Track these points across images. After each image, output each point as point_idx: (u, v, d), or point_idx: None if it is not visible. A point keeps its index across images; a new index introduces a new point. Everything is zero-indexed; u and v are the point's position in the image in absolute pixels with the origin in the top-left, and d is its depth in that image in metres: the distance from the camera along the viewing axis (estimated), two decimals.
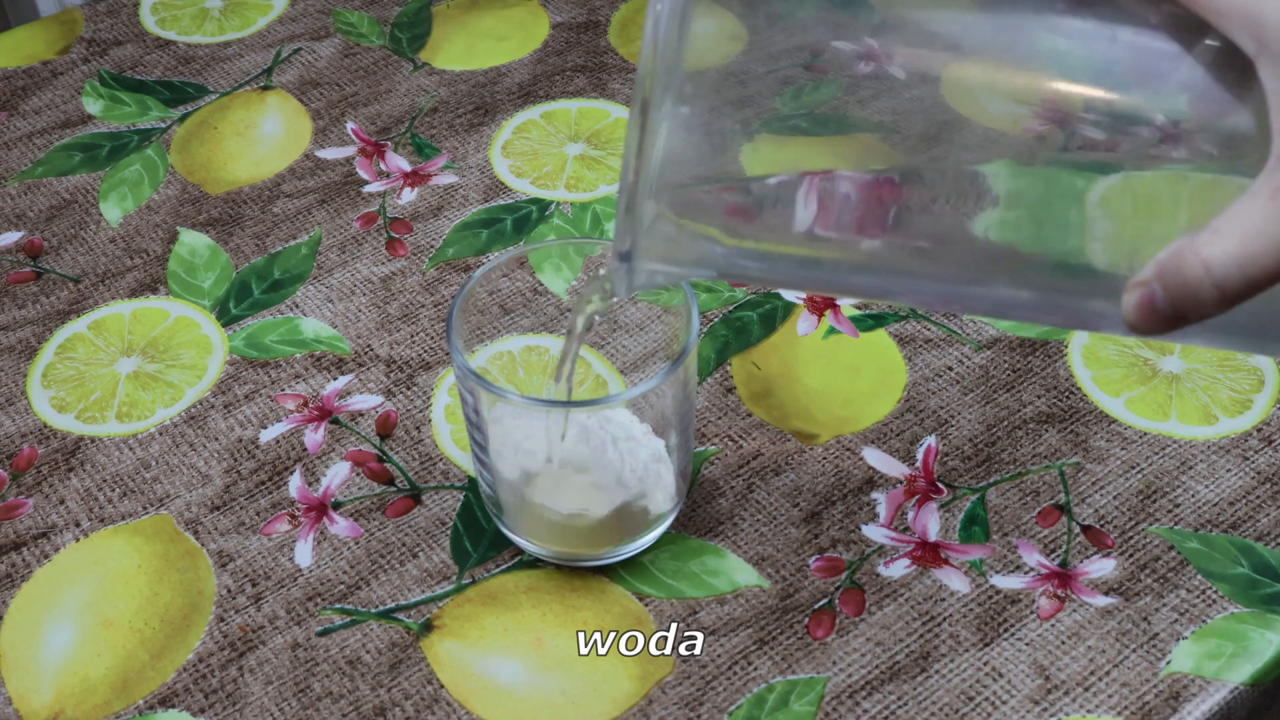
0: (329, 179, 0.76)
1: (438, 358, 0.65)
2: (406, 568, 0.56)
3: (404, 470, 0.60)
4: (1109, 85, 0.35)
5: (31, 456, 0.61)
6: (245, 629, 0.54)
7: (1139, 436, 0.60)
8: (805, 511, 0.57)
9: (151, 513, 0.58)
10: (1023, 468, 0.59)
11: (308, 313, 0.67)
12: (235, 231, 0.72)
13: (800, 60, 0.36)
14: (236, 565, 0.56)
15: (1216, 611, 0.53)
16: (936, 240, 0.37)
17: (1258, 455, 0.59)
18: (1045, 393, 0.62)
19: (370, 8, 0.90)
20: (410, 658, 0.53)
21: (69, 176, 0.76)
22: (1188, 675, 0.51)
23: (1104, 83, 0.35)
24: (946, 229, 0.36)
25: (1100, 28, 0.35)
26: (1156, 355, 0.64)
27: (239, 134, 0.79)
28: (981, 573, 0.55)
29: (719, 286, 0.68)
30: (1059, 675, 0.51)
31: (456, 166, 0.76)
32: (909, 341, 0.65)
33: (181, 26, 0.88)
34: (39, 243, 0.72)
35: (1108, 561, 0.55)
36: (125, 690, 0.52)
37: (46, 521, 0.58)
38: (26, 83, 0.84)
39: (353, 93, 0.82)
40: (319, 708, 0.51)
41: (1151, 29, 0.35)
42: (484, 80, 0.83)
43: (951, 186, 0.36)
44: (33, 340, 0.66)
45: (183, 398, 0.63)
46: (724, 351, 0.65)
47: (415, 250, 0.71)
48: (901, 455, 0.59)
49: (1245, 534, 0.56)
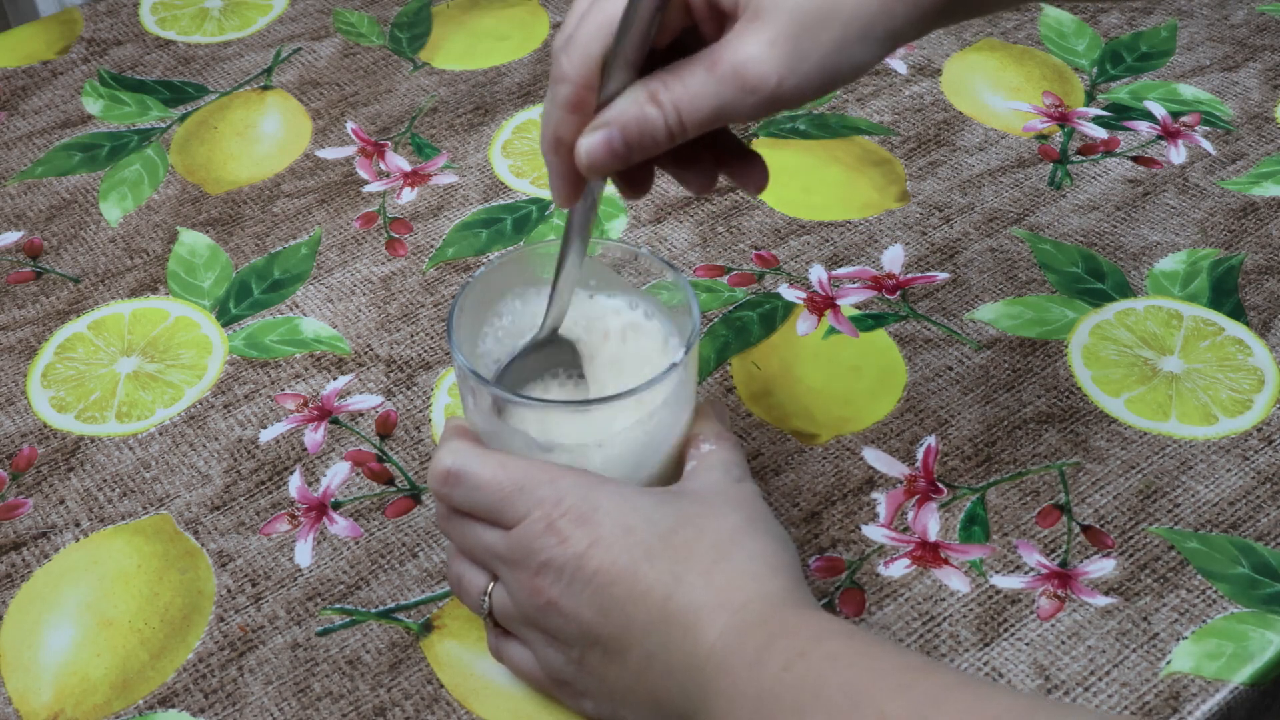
0: (329, 179, 0.76)
1: (438, 358, 0.65)
2: (406, 568, 0.56)
3: (404, 470, 0.60)
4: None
5: (31, 456, 0.61)
6: (245, 629, 0.54)
7: (1139, 436, 0.60)
8: (805, 511, 0.57)
9: (151, 513, 0.58)
10: (1023, 468, 0.59)
11: (308, 313, 0.67)
12: (235, 231, 0.72)
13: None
14: (236, 565, 0.56)
15: (1216, 611, 0.53)
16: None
17: (1258, 455, 0.59)
18: (1045, 393, 0.62)
19: (370, 8, 0.90)
20: (410, 658, 0.53)
21: (69, 176, 0.76)
22: (1188, 675, 0.51)
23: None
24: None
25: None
26: (1156, 355, 0.64)
27: (239, 134, 0.79)
28: (981, 573, 0.55)
29: (719, 286, 0.68)
30: (1059, 675, 0.51)
31: (456, 166, 0.76)
32: (909, 341, 0.65)
33: (181, 26, 0.88)
34: (39, 243, 0.72)
35: (1108, 561, 0.55)
36: (125, 690, 0.52)
37: (46, 521, 0.58)
38: (26, 83, 0.84)
39: (353, 93, 0.82)
40: (319, 708, 0.51)
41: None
42: (484, 80, 0.83)
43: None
44: (33, 340, 0.66)
45: (183, 398, 0.63)
46: (724, 351, 0.64)
47: (415, 250, 0.71)
48: (901, 455, 0.59)
49: (1245, 534, 0.56)
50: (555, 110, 0.45)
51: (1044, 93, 0.80)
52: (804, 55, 0.41)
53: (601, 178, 0.46)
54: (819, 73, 0.42)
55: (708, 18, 0.44)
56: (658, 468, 0.50)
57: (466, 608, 0.50)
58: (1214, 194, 0.73)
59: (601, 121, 0.43)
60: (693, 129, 0.43)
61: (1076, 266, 0.68)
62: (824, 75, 0.42)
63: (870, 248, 0.70)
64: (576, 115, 0.44)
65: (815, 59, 0.41)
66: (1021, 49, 0.84)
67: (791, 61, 0.41)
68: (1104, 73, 0.82)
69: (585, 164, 0.44)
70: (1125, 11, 0.87)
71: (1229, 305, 0.66)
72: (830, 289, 0.67)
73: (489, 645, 0.50)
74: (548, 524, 0.45)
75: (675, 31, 0.44)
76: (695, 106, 0.42)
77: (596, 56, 0.43)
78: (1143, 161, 0.75)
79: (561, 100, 0.44)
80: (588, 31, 0.43)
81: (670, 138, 0.43)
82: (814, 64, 0.41)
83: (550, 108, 0.45)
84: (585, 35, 0.43)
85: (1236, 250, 0.69)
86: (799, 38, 0.41)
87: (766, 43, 0.41)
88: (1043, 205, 0.72)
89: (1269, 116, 0.78)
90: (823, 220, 0.72)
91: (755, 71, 0.41)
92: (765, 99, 0.42)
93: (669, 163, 0.48)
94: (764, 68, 0.41)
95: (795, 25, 0.41)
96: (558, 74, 0.44)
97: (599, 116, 0.44)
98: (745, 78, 0.41)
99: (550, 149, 0.46)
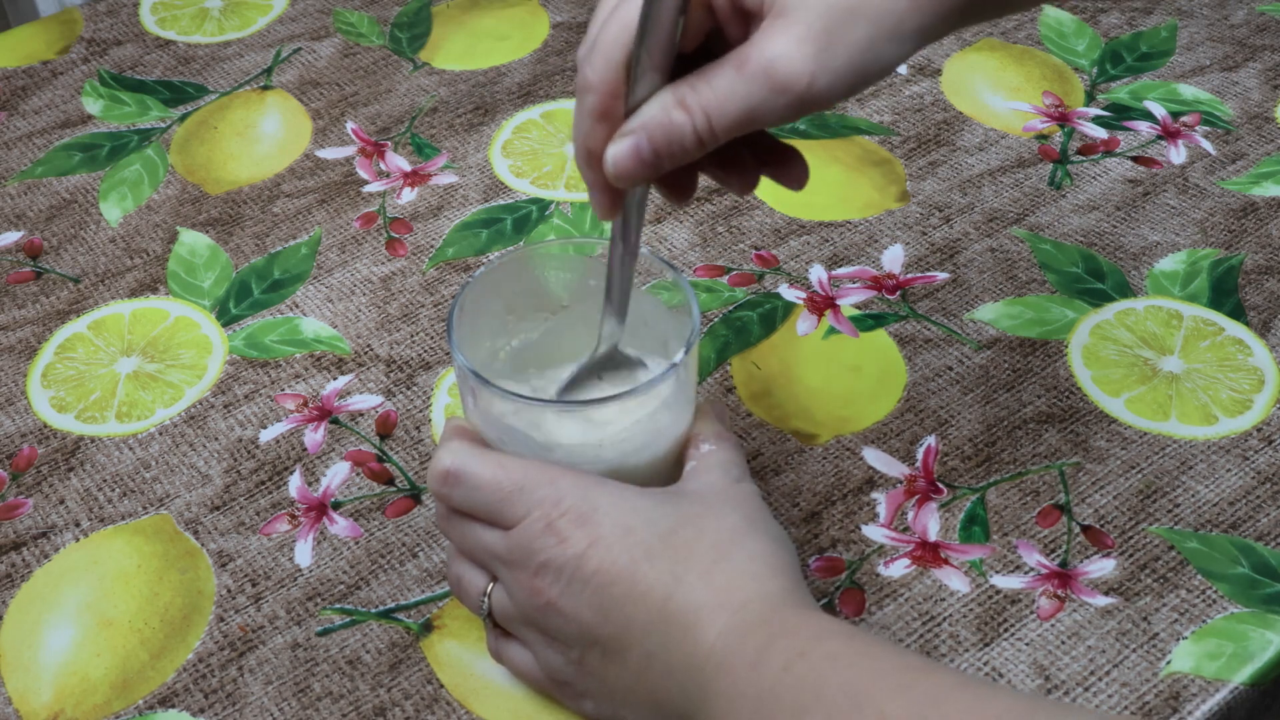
0: (329, 179, 0.76)
1: (438, 358, 0.65)
2: (406, 568, 0.56)
3: (404, 470, 0.60)
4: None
5: (31, 456, 0.61)
6: (245, 629, 0.54)
7: (1139, 436, 0.60)
8: (805, 511, 0.57)
9: (151, 513, 0.58)
10: (1023, 468, 0.59)
11: (308, 313, 0.67)
12: (235, 231, 0.72)
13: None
14: (236, 565, 0.56)
15: (1216, 611, 0.53)
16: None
17: (1258, 455, 0.59)
18: (1045, 393, 0.62)
19: (370, 8, 0.90)
20: (410, 658, 0.53)
21: (69, 176, 0.76)
22: (1188, 675, 0.51)
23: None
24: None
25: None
26: (1156, 355, 0.64)
27: (239, 134, 0.79)
28: (981, 573, 0.55)
29: (719, 286, 0.68)
30: (1059, 675, 0.51)
31: (456, 166, 0.76)
32: (909, 341, 0.65)
33: (181, 26, 0.88)
34: (39, 243, 0.72)
35: (1108, 561, 0.55)
36: (125, 690, 0.52)
37: (46, 521, 0.58)
38: (26, 83, 0.84)
39: (353, 93, 0.82)
40: (319, 708, 0.51)
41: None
42: (484, 80, 0.83)
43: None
44: (33, 340, 0.66)
45: (183, 398, 0.63)
46: (724, 351, 0.64)
47: (415, 250, 0.71)
48: (901, 455, 0.59)
49: (1245, 534, 0.56)
50: (584, 120, 0.44)
51: (1044, 93, 0.80)
52: (835, 53, 0.40)
53: (632, 186, 0.44)
54: (850, 70, 0.41)
55: (732, 19, 0.43)
56: (657, 468, 0.50)
57: (466, 608, 0.50)
58: (1214, 194, 0.73)
59: (628, 129, 0.43)
60: (723, 134, 0.42)
61: (1076, 266, 0.68)
62: (855, 73, 0.41)
63: (870, 248, 0.70)
64: (605, 124, 0.43)
65: (846, 56, 0.40)
66: (1021, 49, 0.84)
67: (823, 59, 0.40)
68: (1104, 73, 0.82)
69: (613, 173, 0.43)
70: (1125, 11, 0.87)
71: (1229, 305, 0.66)
72: (830, 289, 0.67)
73: (488, 646, 0.50)
74: (547, 524, 0.45)
75: (700, 35, 0.43)
76: (724, 110, 0.41)
77: (620, 63, 0.42)
78: (1143, 161, 0.75)
79: (588, 110, 0.43)
80: (609, 38, 0.42)
81: (700, 144, 0.42)
82: (845, 61, 0.40)
83: (579, 119, 0.44)
84: (607, 42, 0.42)
85: (1236, 250, 0.69)
86: (829, 35, 0.40)
87: (796, 40, 0.40)
88: (1043, 205, 0.72)
89: (1269, 116, 0.78)
90: (823, 220, 0.72)
91: (785, 70, 0.40)
92: (796, 98, 0.41)
93: (709, 165, 0.47)
94: (795, 66, 0.40)
95: (825, 22, 0.40)
96: (583, 83, 0.43)
97: (626, 124, 0.43)
98: (775, 77, 0.40)
99: (584, 161, 0.45)
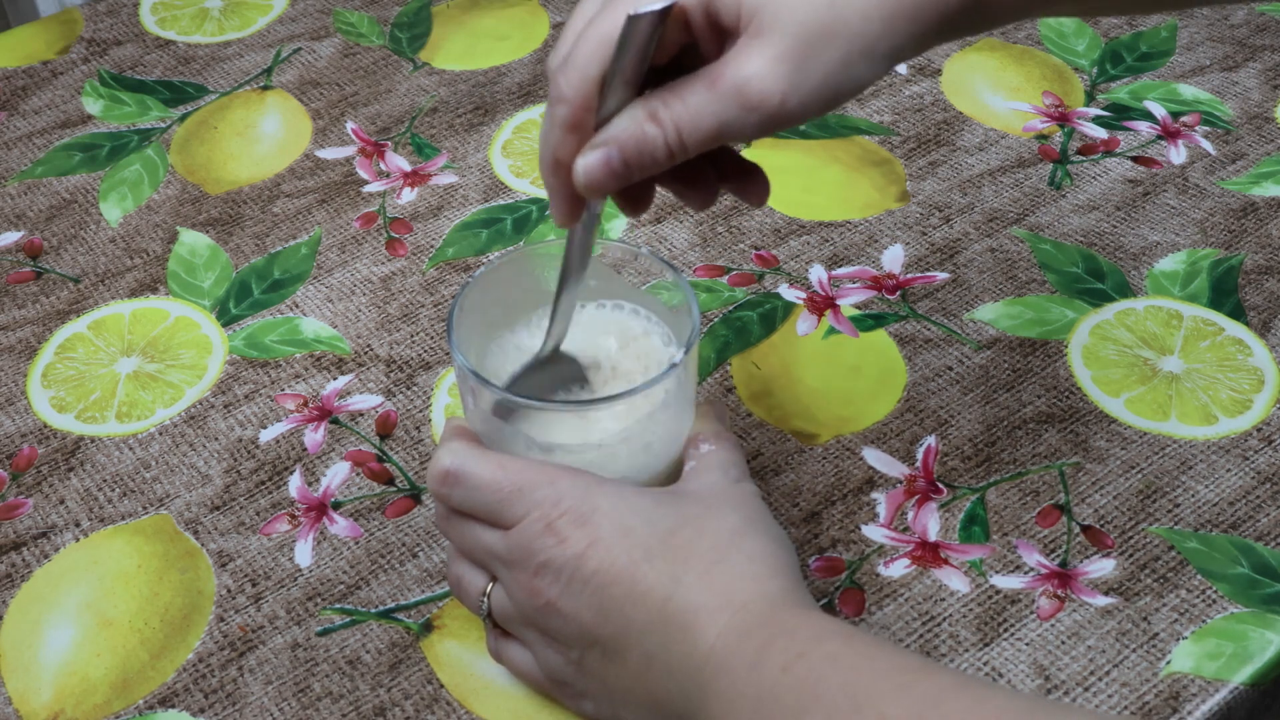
0: (329, 179, 0.76)
1: (438, 358, 0.65)
2: (406, 568, 0.56)
3: (404, 470, 0.60)
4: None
5: (31, 456, 0.61)
6: (245, 629, 0.54)
7: (1139, 436, 0.60)
8: (805, 511, 0.57)
9: (151, 513, 0.58)
10: (1023, 468, 0.59)
11: (308, 313, 0.67)
12: (235, 231, 0.72)
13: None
14: (236, 565, 0.56)
15: (1216, 611, 0.53)
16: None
17: (1258, 455, 0.59)
18: (1045, 393, 0.62)
19: (370, 8, 0.90)
20: (410, 658, 0.53)
21: (69, 176, 0.76)
22: (1188, 675, 0.51)
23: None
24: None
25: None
26: (1156, 355, 0.64)
27: (239, 134, 0.79)
28: (981, 573, 0.55)
29: (719, 286, 0.68)
30: (1059, 675, 0.51)
31: (456, 166, 0.76)
32: (909, 341, 0.65)
33: (181, 26, 0.88)
34: (39, 243, 0.72)
35: (1108, 561, 0.55)
36: (125, 690, 0.52)
37: (46, 521, 0.58)
38: (26, 83, 0.84)
39: (353, 93, 0.82)
40: (319, 708, 0.51)
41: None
42: (484, 80, 0.83)
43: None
44: (33, 340, 0.66)
45: (183, 398, 0.63)
46: (724, 351, 0.64)
47: (415, 250, 0.71)
48: (901, 455, 0.59)
49: (1245, 534, 0.56)
50: (553, 131, 0.44)
51: (1044, 93, 0.80)
52: (808, 73, 0.41)
53: (600, 197, 0.45)
54: (822, 90, 0.41)
55: (708, 35, 0.43)
56: (657, 468, 0.50)
57: (466, 608, 0.50)
58: (1214, 194, 0.73)
59: (600, 141, 0.43)
60: (693, 147, 0.42)
61: (1076, 266, 0.68)
62: (827, 93, 0.42)
63: (870, 248, 0.70)
64: (575, 136, 0.44)
65: (819, 77, 0.41)
66: (1021, 49, 0.84)
67: (795, 79, 0.41)
68: (1104, 73, 0.82)
69: (583, 184, 0.43)
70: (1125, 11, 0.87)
71: (1229, 305, 0.66)
72: (830, 289, 0.67)
73: (488, 646, 0.50)
74: (546, 525, 0.45)
75: (674, 49, 0.44)
76: (696, 125, 0.42)
77: (594, 77, 0.43)
78: (1143, 161, 0.75)
79: (559, 121, 0.44)
80: (585, 51, 0.43)
81: (670, 156, 0.43)
82: (817, 82, 0.41)
83: (548, 128, 0.44)
84: (582, 55, 0.43)
85: (1236, 250, 0.69)
86: (803, 55, 0.41)
87: (770, 60, 0.41)
88: (1043, 205, 0.72)
89: (1269, 116, 0.78)
90: (823, 220, 0.72)
91: (758, 89, 0.41)
92: (768, 117, 0.41)
93: (669, 180, 0.48)
94: (767, 85, 0.41)
95: (799, 42, 0.41)
96: (555, 94, 0.44)
97: (597, 136, 0.43)
98: (748, 95, 0.41)
99: (549, 170, 0.45)
